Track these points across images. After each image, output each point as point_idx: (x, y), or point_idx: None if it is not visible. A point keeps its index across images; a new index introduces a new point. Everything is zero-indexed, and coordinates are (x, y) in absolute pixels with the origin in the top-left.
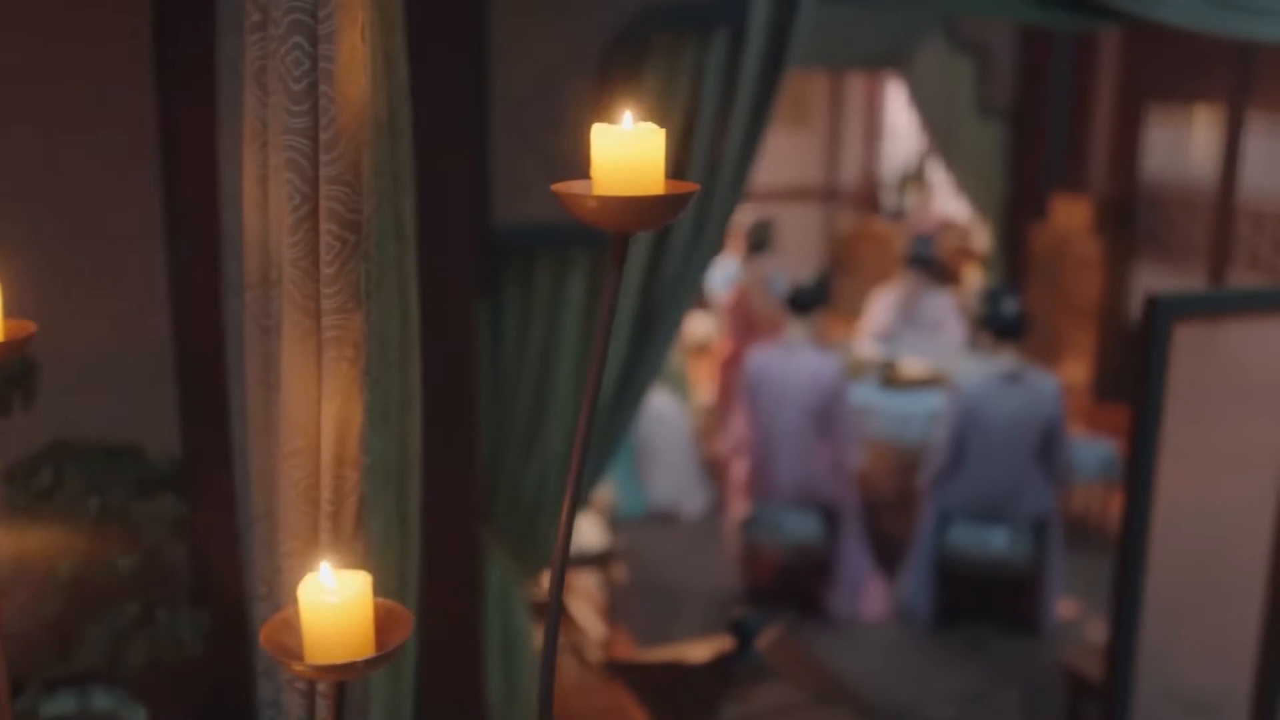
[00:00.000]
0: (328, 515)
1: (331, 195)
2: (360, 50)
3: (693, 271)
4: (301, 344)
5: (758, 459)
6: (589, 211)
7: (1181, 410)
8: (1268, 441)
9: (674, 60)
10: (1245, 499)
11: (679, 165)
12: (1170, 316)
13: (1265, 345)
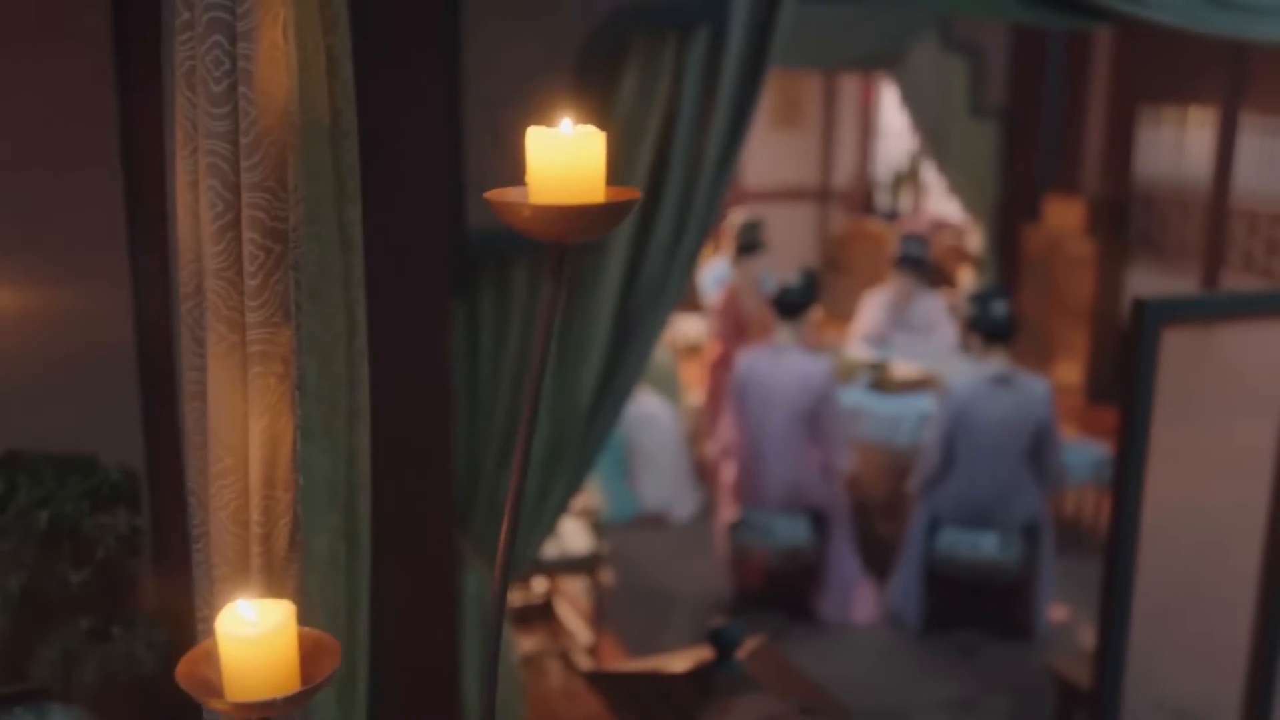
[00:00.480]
0: (258, 538)
1: (254, 203)
2: (282, 49)
3: (674, 275)
4: (226, 359)
5: (746, 462)
6: (523, 221)
7: (1170, 415)
8: (1258, 446)
9: (653, 60)
10: (1236, 505)
11: (658, 167)
12: (1158, 321)
13: (1255, 349)
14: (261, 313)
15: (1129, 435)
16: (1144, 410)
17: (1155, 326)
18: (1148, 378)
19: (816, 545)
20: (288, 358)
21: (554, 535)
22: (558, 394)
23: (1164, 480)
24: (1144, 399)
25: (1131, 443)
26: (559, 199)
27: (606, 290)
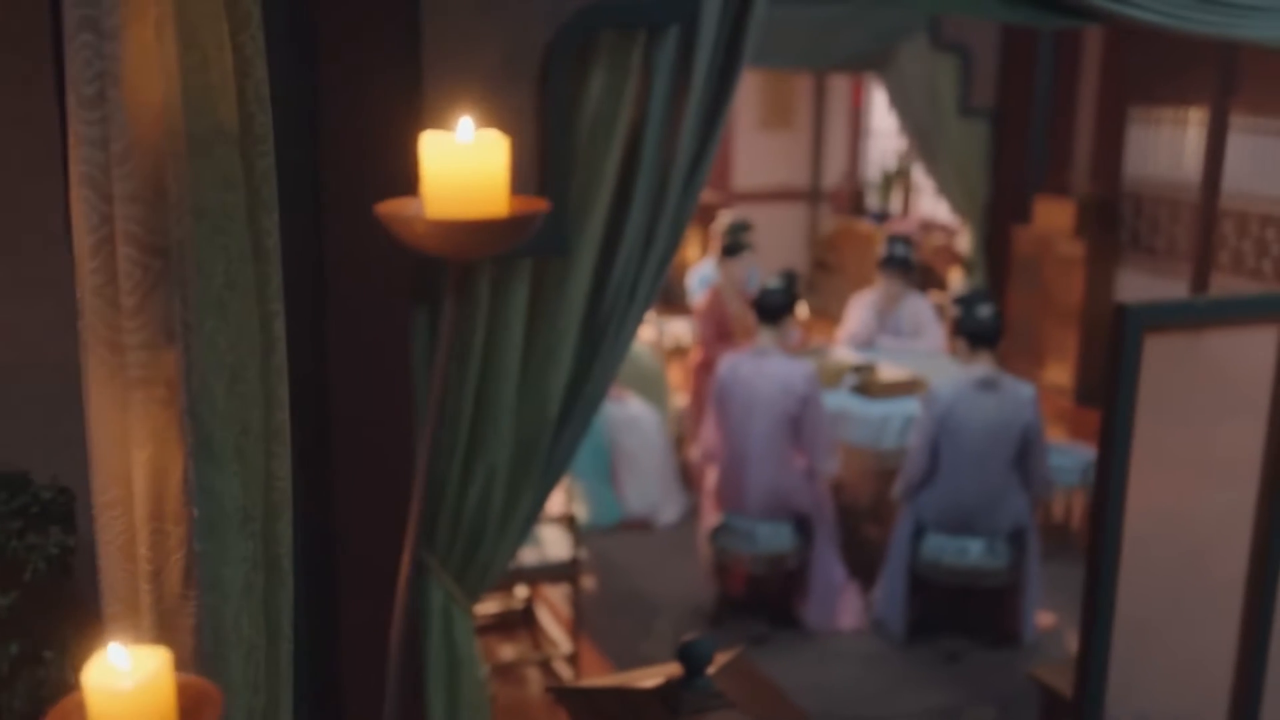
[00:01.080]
0: (147, 575)
1: (128, 215)
2: (154, 49)
3: (645, 279)
4: (108, 383)
5: (727, 467)
6: (418, 237)
7: (1153, 421)
8: (1244, 453)
9: (622, 58)
10: (1221, 512)
11: (628, 169)
12: (1140, 326)
13: (1240, 354)
14: (141, 334)
15: (1111, 443)
16: (1126, 417)
17: (1137, 332)
18: (1130, 384)
19: (800, 551)
20: (173, 381)
21: (534, 543)
22: (525, 402)
23: (1147, 488)
24: (1126, 406)
25: (1113, 451)
26: (457, 212)
27: (575, 295)
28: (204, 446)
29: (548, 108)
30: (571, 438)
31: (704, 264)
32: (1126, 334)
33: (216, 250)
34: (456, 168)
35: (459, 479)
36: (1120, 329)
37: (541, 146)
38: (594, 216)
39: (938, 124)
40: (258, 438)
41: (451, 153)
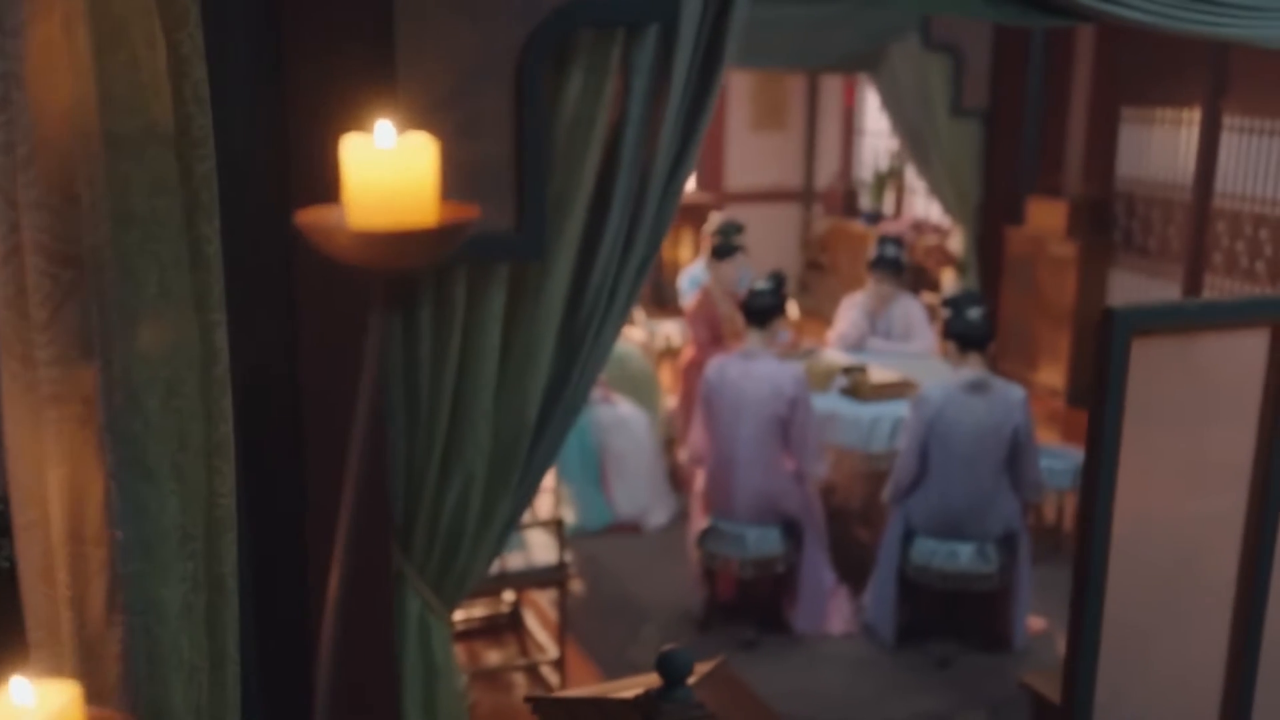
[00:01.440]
0: (67, 601)
1: (36, 224)
2: (62, 47)
3: (624, 284)
4: (22, 399)
5: (715, 471)
6: (341, 249)
7: (1142, 426)
8: (1235, 459)
9: (600, 59)
10: (1211, 518)
11: (607, 171)
12: (1128, 330)
13: (1230, 358)
14: (53, 349)
15: (1098, 449)
16: (1113, 423)
17: (1125, 336)
18: (1117, 389)
19: (789, 555)
20: (90, 398)
21: (521, 547)
22: (503, 407)
23: (1135, 494)
24: (1113, 411)
25: (1101, 457)
26: (381, 222)
27: (553, 299)
28: (135, 464)
29: (524, 109)
30: (550, 444)
31: (695, 265)
32: (1114, 338)
33: (147, 258)
34: (379, 175)
35: (436, 485)
36: (1108, 333)
37: (518, 148)
38: (572, 219)
39: (929, 125)
40: (198, 453)
41: (374, 158)
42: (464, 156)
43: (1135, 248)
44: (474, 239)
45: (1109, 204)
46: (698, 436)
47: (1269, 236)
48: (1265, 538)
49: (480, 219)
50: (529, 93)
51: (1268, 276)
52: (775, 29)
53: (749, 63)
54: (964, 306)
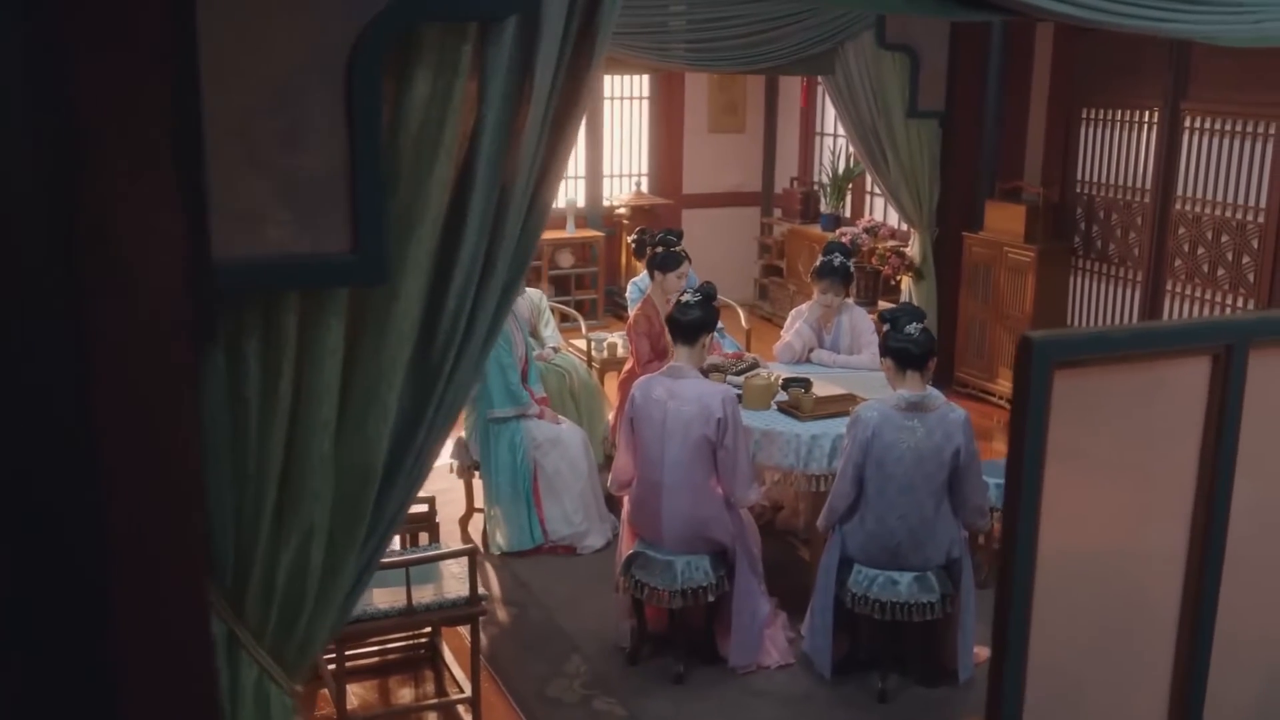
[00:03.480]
0: None
1: None
2: None
3: (484, 312)
4: None
5: (640, 496)
6: None
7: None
8: (1174, 497)
9: (450, 59)
10: (1150, 561)
11: (461, 185)
12: (1048, 362)
13: (1167, 389)
14: None
15: (1017, 491)
16: (1034, 465)
17: (1045, 368)
18: (1038, 428)
19: (720, 585)
20: None
21: (433, 579)
22: (344, 454)
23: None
24: (1034, 452)
25: (1020, 500)
26: None
27: (400, 330)
28: None
29: (357, 115)
30: (403, 492)
31: (644, 274)
32: (1033, 370)
33: None
34: None
35: (270, 541)
36: (1026, 364)
37: (351, 160)
38: (420, 239)
39: (885, 126)
40: None
41: None
42: (289, 169)
43: (1095, 253)
44: (303, 262)
45: (1068, 208)
46: (622, 459)
47: (1232, 242)
48: (1209, 580)
49: (310, 239)
50: (362, 96)
51: (1231, 284)
52: (717, 32)
53: (697, 65)
54: (902, 321)
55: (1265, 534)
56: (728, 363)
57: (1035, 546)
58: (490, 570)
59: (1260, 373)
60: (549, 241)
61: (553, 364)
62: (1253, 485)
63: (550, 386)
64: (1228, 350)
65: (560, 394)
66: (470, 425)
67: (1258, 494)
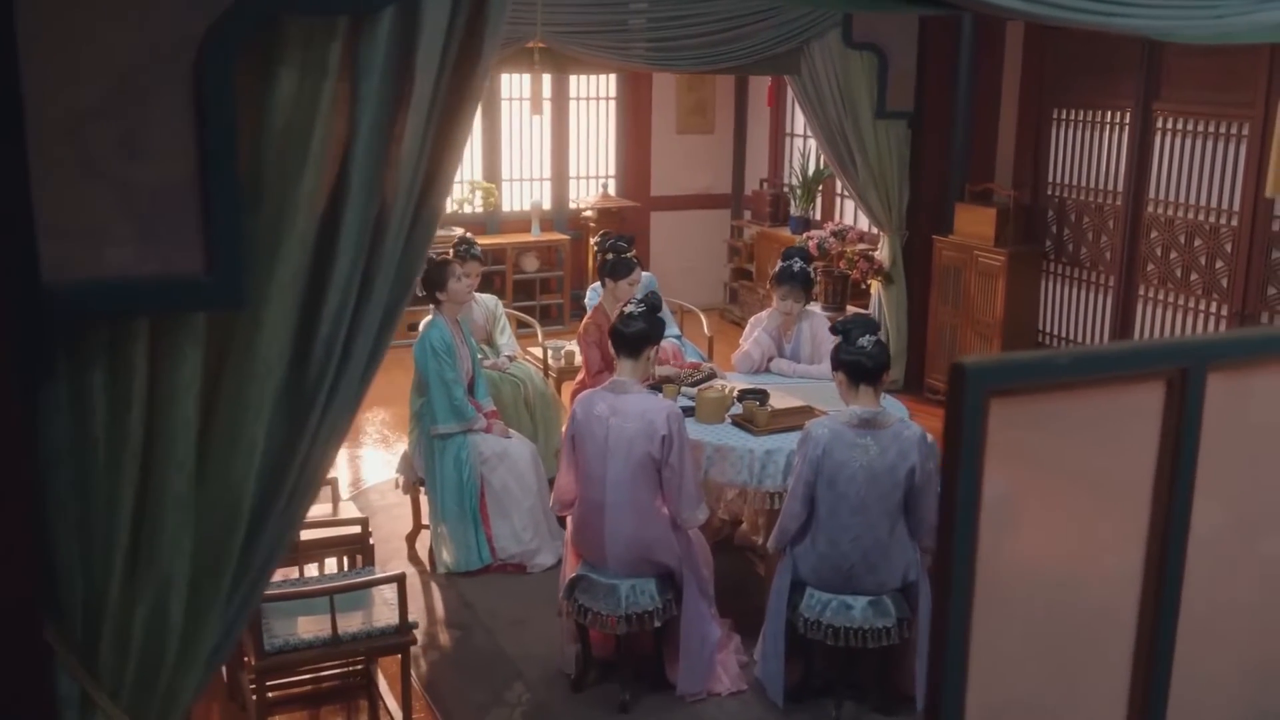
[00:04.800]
0: None
1: None
2: None
3: (363, 335)
4: None
5: (583, 517)
6: None
7: (1008, 499)
8: (1125, 532)
9: (317, 57)
10: (1101, 598)
11: (336, 195)
12: (983, 389)
13: (1116, 416)
14: None
15: (950, 532)
16: (968, 505)
17: (979, 397)
18: (972, 462)
19: (667, 610)
20: None
21: (362, 605)
22: (206, 497)
23: (1002, 577)
24: (968, 489)
25: (953, 541)
26: None
27: (267, 358)
28: None
29: (207, 120)
30: (276, 536)
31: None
32: (966, 399)
33: None
34: None
35: (122, 592)
36: (958, 392)
37: (202, 170)
38: (287, 259)
39: (853, 127)
40: None
41: None
42: (129, 180)
43: (1067, 257)
44: (150, 285)
45: (1040, 211)
46: (564, 478)
47: (1205, 246)
48: (1165, 620)
49: (158, 260)
50: (214, 98)
51: (1204, 289)
52: (678, 32)
53: (658, 65)
54: (855, 333)
55: (1226, 573)
56: (683, 373)
57: (972, 593)
58: (435, 591)
59: (1220, 397)
60: (514, 245)
61: (507, 373)
62: (1211, 522)
63: (504, 397)
64: (1183, 374)
65: (515, 404)
66: (414, 440)
67: (1218, 532)
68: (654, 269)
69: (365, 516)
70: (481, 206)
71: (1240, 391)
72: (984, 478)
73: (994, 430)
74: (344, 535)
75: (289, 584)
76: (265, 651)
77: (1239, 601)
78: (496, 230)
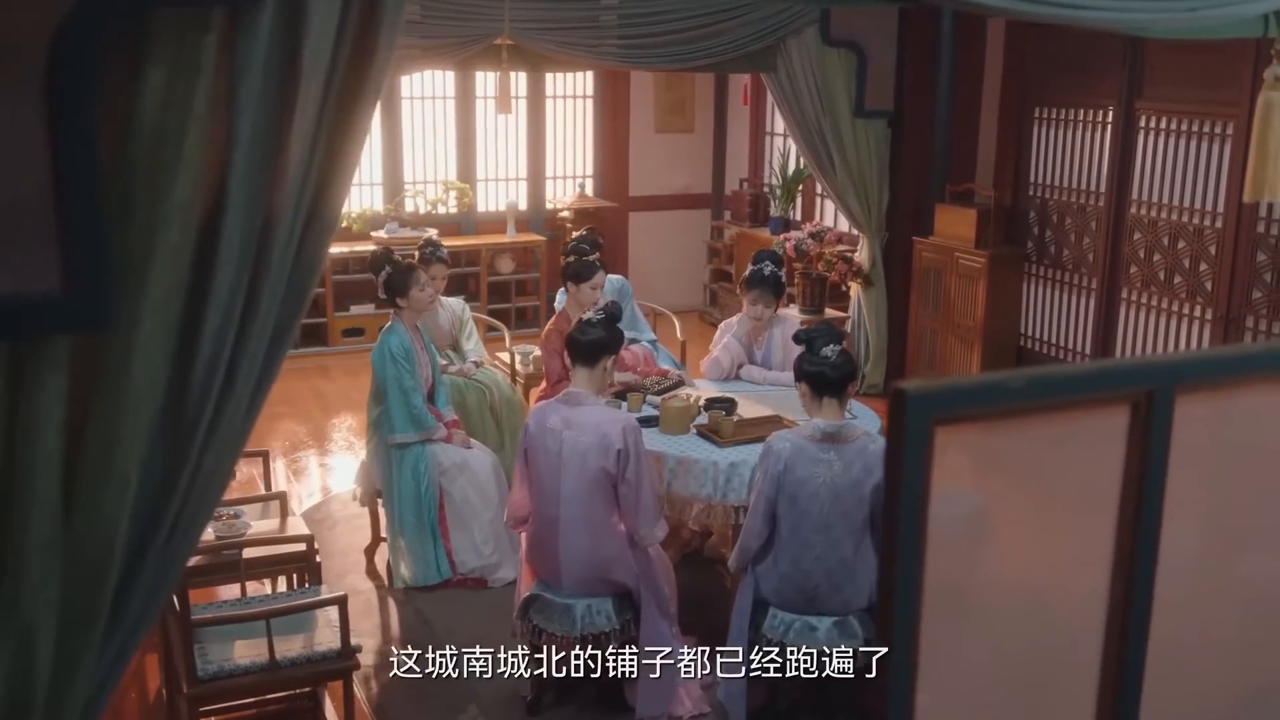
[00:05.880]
0: None
1: None
2: None
3: (245, 359)
4: None
5: (537, 533)
6: None
7: (956, 533)
8: (1087, 566)
9: (190, 53)
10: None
11: (214, 206)
12: (927, 418)
13: (1077, 442)
14: None
15: (893, 568)
16: (910, 543)
17: (923, 426)
18: (913, 497)
19: (625, 630)
20: None
21: (303, 629)
22: (74, 540)
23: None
24: (910, 527)
25: (897, 583)
26: None
27: (140, 385)
28: None
29: (61, 123)
30: (156, 578)
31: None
32: (908, 429)
33: None
34: None
35: None
36: (900, 421)
37: (57, 179)
38: (159, 276)
39: (831, 126)
40: None
41: None
42: None
43: (1049, 259)
44: (1, 307)
45: (1021, 212)
46: (517, 493)
47: (1189, 249)
48: (1131, 659)
49: (7, 278)
50: (70, 101)
51: (1188, 292)
52: (651, 29)
53: (630, 62)
54: (819, 343)
55: (1196, 608)
56: (648, 380)
57: (916, 639)
58: (392, 607)
59: (1189, 422)
60: (488, 246)
61: (473, 380)
62: (1180, 556)
63: (469, 404)
64: (1149, 397)
65: (480, 412)
66: (372, 449)
67: (1187, 565)
68: (632, 270)
69: (310, 534)
70: (455, 207)
71: (1212, 415)
72: (929, 513)
73: (940, 461)
74: (289, 553)
75: (227, 605)
76: (198, 678)
77: (1211, 637)
78: (471, 231)
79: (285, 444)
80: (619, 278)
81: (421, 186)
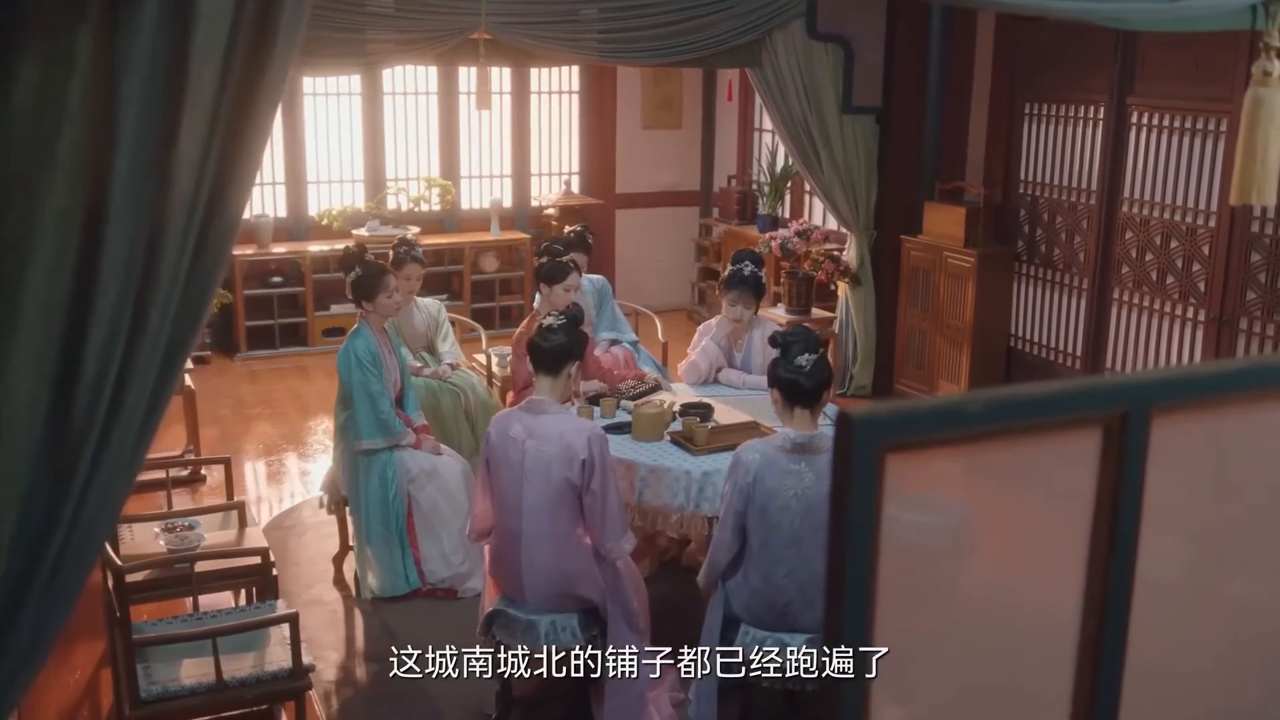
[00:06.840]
0: None
1: None
2: None
3: (136, 379)
4: None
5: (499, 546)
6: None
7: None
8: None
9: (64, 48)
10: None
11: (95, 213)
12: (875, 446)
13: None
14: None
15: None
16: (858, 574)
17: (871, 454)
18: (862, 527)
19: (594, 646)
20: None
21: (254, 647)
22: None
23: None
24: (858, 557)
25: (844, 620)
26: None
27: (16, 405)
28: None
29: None
30: (39, 619)
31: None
32: (855, 456)
33: None
34: None
35: None
36: (846, 448)
37: None
38: (37, 288)
39: (818, 122)
40: None
41: None
42: None
43: (1040, 258)
44: None
45: (1011, 210)
46: (480, 505)
47: (1181, 248)
48: (1105, 694)
49: None
50: None
51: (1180, 293)
52: (632, 23)
53: (611, 57)
54: (795, 349)
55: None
56: (624, 385)
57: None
58: (358, 618)
59: (1166, 444)
60: (472, 244)
61: (448, 383)
62: (1155, 583)
63: (444, 407)
64: (1123, 418)
65: (454, 415)
66: (338, 455)
67: (1162, 594)
68: (619, 269)
69: (266, 546)
70: (438, 204)
71: (1189, 436)
72: (879, 545)
73: (891, 489)
74: (242, 566)
75: (176, 622)
76: (141, 700)
77: (1189, 668)
78: (454, 229)
79: (260, 447)
80: (599, 277)
81: (404, 183)
